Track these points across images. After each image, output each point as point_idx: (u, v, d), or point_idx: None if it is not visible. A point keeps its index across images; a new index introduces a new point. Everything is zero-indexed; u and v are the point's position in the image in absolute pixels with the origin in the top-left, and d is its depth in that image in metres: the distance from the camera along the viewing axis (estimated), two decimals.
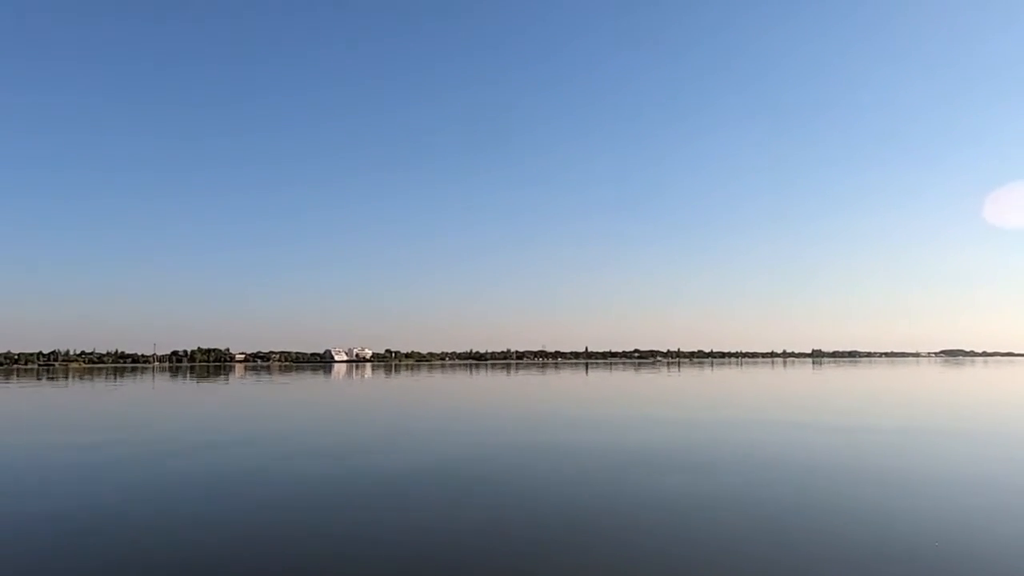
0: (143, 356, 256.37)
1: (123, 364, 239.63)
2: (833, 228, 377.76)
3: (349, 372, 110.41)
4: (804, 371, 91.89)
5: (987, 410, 27.78)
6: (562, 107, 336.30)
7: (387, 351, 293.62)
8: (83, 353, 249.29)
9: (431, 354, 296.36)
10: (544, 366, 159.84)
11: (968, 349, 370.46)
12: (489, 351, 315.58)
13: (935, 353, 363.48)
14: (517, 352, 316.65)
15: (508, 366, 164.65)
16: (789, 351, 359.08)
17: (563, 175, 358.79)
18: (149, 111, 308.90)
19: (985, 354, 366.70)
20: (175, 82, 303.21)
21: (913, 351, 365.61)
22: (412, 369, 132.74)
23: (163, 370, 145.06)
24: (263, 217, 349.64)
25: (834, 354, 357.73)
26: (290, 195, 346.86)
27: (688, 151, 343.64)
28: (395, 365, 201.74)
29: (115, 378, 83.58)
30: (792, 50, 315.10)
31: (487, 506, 10.22)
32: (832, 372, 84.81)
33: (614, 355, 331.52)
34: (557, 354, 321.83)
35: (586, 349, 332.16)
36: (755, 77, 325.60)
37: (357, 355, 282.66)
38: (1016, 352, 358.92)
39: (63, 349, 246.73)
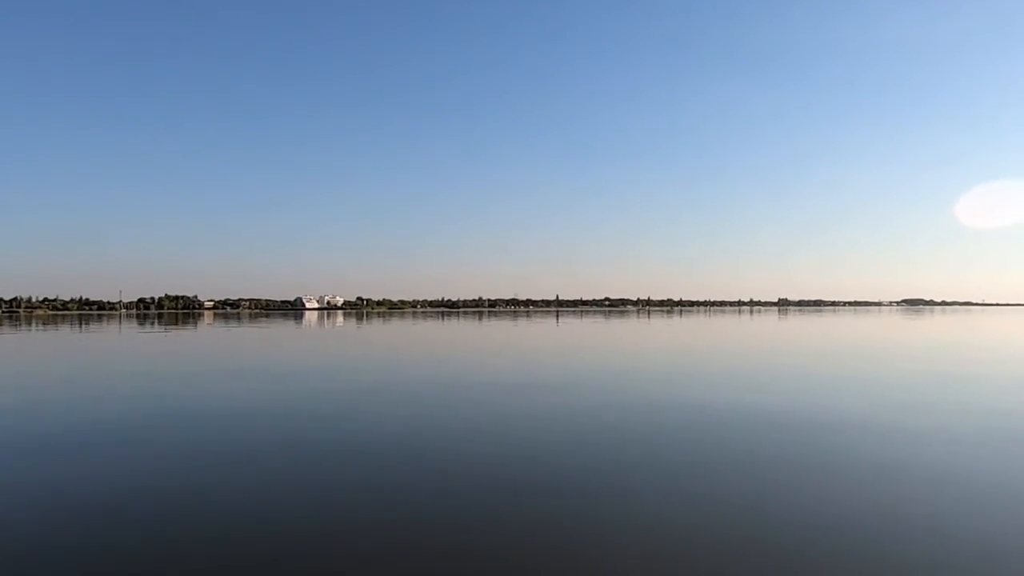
0: (109, 303, 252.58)
1: (88, 311, 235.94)
2: (796, 180, 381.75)
3: (320, 319, 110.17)
4: (771, 319, 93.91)
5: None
6: (540, 57, 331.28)
7: (359, 299, 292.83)
8: (46, 300, 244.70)
9: (403, 302, 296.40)
10: (516, 314, 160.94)
11: (928, 299, 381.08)
12: (461, 299, 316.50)
13: (896, 302, 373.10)
14: (489, 300, 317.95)
15: (480, 314, 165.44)
16: (756, 300, 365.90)
17: (532, 124, 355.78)
18: (116, 64, 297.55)
19: (944, 303, 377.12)
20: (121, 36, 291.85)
21: (876, 300, 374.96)
22: (384, 317, 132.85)
23: (130, 317, 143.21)
24: (231, 165, 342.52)
25: (800, 303, 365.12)
26: (258, 139, 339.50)
27: (656, 98, 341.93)
28: (367, 313, 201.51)
29: (80, 325, 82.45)
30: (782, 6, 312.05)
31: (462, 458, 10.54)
32: (798, 320, 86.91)
33: (585, 303, 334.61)
34: (529, 302, 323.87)
35: (557, 297, 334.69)
36: (748, 38, 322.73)
37: (328, 303, 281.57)
38: (973, 301, 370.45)
39: (25, 296, 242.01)
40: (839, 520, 6.82)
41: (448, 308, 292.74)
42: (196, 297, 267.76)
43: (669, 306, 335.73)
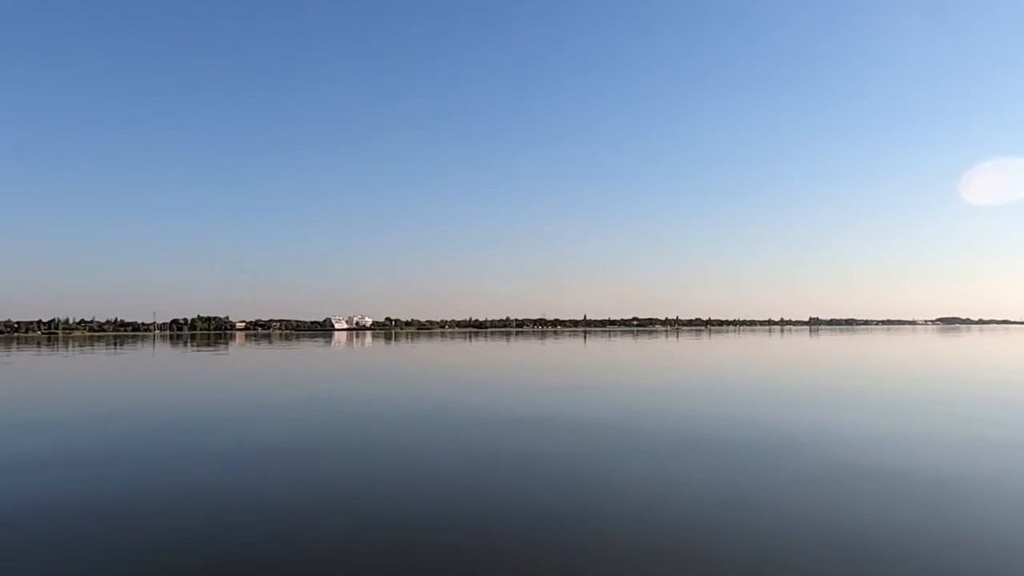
0: (143, 324, 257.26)
1: (124, 332, 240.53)
2: (832, 197, 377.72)
3: (349, 340, 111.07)
4: (803, 339, 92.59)
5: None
6: (566, 70, 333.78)
7: (387, 319, 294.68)
8: (83, 322, 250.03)
9: (430, 322, 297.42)
10: (543, 334, 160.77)
11: (964, 317, 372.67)
12: (488, 319, 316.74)
13: (931, 321, 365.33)
14: (516, 320, 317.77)
15: (507, 334, 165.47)
16: (787, 319, 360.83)
17: (563, 141, 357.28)
18: (143, 72, 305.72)
19: (981, 322, 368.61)
20: (164, 42, 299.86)
21: (910, 319, 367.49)
22: (412, 337, 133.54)
23: (163, 338, 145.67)
24: (262, 187, 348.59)
25: (831, 322, 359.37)
26: (286, 167, 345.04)
27: (686, 121, 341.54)
28: (395, 333, 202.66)
29: (116, 346, 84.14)
30: (793, 20, 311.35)
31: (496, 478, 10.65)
32: (831, 339, 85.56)
33: (613, 323, 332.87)
34: (556, 322, 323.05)
35: (584, 317, 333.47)
36: (755, 47, 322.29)
37: (357, 323, 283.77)
38: (1012, 320, 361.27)
39: (63, 317, 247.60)
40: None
41: (476, 328, 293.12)
42: (228, 318, 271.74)
43: (699, 326, 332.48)
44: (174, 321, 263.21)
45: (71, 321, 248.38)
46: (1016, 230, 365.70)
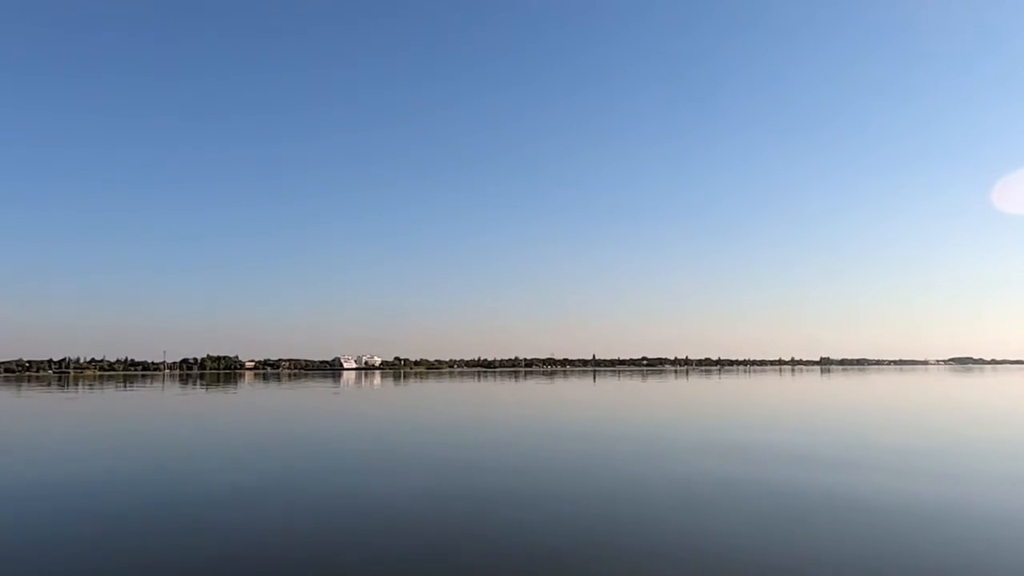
0: (153, 364, 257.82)
1: (134, 372, 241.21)
2: (841, 235, 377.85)
3: (358, 380, 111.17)
4: (816, 381, 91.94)
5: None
6: (573, 113, 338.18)
7: (396, 359, 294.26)
8: (93, 360, 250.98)
9: (439, 361, 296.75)
10: (552, 374, 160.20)
11: (977, 357, 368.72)
12: (497, 359, 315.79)
13: (944, 361, 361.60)
14: (525, 359, 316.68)
15: (516, 373, 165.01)
16: (797, 359, 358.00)
17: (572, 182, 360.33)
18: (157, 122, 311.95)
19: (994, 362, 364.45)
20: (186, 93, 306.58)
21: (922, 359, 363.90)
22: (421, 377, 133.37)
23: (173, 378, 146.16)
24: (272, 226, 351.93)
25: (842, 362, 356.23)
26: (298, 205, 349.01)
27: (698, 158, 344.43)
28: (404, 373, 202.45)
29: (126, 386, 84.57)
30: (802, 55, 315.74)
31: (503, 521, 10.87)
32: (843, 380, 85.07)
33: (622, 362, 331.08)
34: (565, 361, 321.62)
35: (593, 357, 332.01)
36: (765, 81, 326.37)
37: (366, 363, 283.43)
38: None
39: (74, 356, 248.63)
40: None
41: (485, 368, 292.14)
42: (237, 357, 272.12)
43: (708, 365, 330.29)
44: (184, 360, 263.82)
45: (82, 360, 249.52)
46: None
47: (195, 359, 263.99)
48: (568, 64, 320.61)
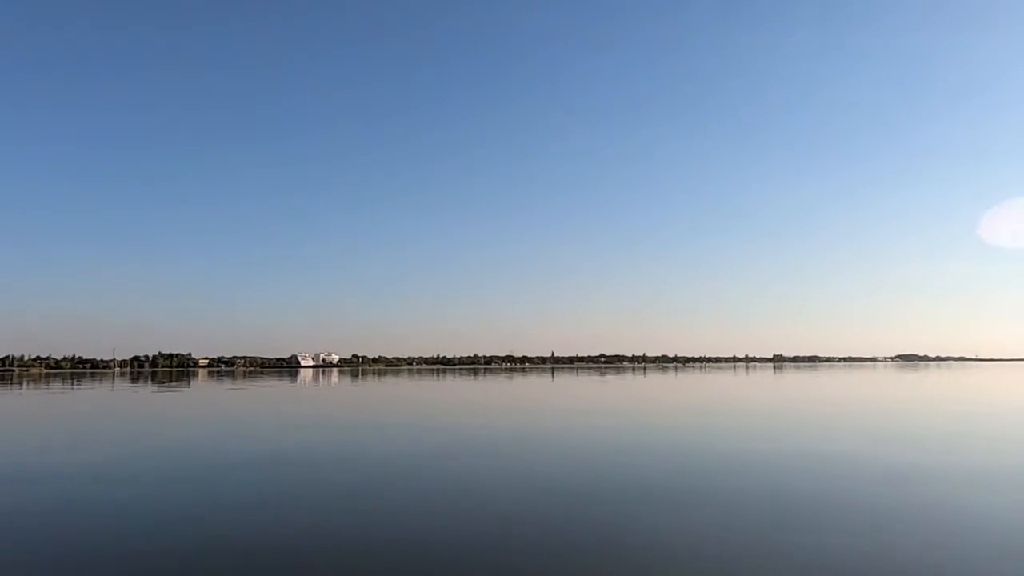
0: (103, 361, 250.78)
1: (82, 369, 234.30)
2: (794, 236, 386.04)
3: (316, 377, 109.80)
4: (773, 377, 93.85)
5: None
6: (527, 111, 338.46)
7: (354, 356, 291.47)
8: (39, 358, 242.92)
9: (398, 359, 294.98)
10: (511, 371, 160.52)
11: (922, 354, 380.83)
12: (456, 356, 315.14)
13: (891, 358, 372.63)
14: (484, 357, 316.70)
15: (475, 371, 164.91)
16: (751, 356, 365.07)
17: (527, 181, 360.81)
18: (107, 119, 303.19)
19: (938, 359, 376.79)
20: (121, 87, 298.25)
21: (870, 356, 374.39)
22: (380, 375, 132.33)
23: (123, 376, 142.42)
24: (226, 223, 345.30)
25: (795, 359, 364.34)
26: (252, 204, 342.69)
27: (655, 156, 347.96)
28: (363, 370, 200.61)
29: (74, 384, 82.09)
30: (769, 52, 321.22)
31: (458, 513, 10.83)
32: (796, 376, 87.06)
33: (580, 360, 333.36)
34: (524, 359, 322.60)
35: (552, 354, 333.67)
36: (725, 82, 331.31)
37: (324, 360, 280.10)
38: (967, 356, 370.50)
39: (17, 354, 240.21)
40: None
41: (444, 365, 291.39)
42: (191, 355, 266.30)
43: (664, 363, 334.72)
44: (135, 358, 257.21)
45: (26, 358, 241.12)
46: (972, 273, 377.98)
47: (146, 357, 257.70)
48: (533, 56, 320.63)
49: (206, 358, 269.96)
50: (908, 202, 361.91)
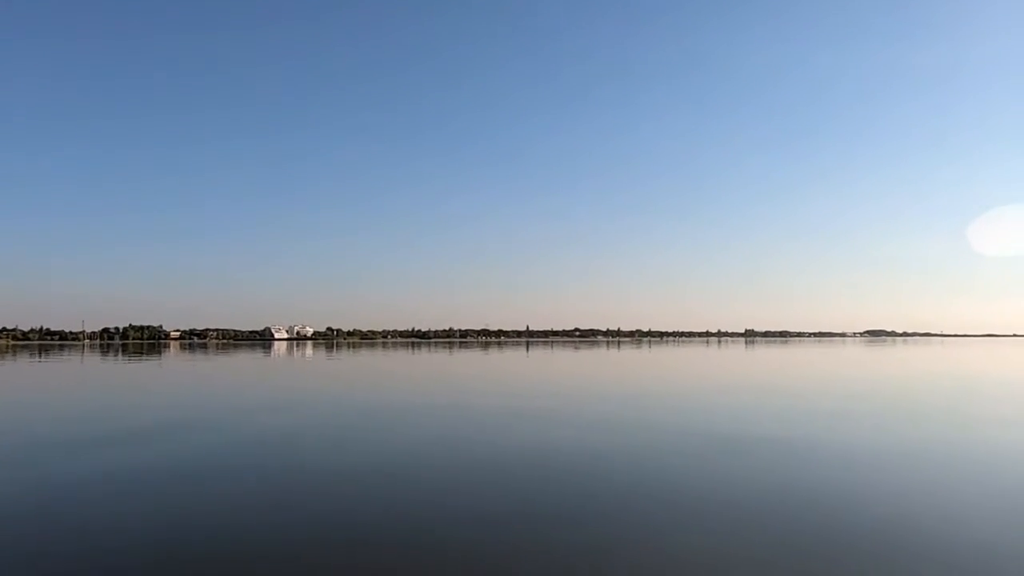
0: (72, 333, 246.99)
1: (50, 341, 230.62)
2: (765, 214, 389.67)
3: (290, 350, 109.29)
4: (752, 351, 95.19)
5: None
6: (502, 86, 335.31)
7: (328, 329, 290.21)
8: (5, 330, 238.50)
9: (372, 332, 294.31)
10: (487, 344, 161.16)
11: (889, 329, 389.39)
12: (432, 329, 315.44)
13: (859, 333, 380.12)
14: (460, 331, 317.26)
15: (451, 344, 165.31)
16: (724, 331, 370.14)
17: (504, 156, 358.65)
18: (72, 85, 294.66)
19: (905, 334, 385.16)
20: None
21: (840, 331, 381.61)
22: (354, 347, 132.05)
23: (94, 348, 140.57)
24: (195, 192, 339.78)
25: (766, 334, 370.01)
26: (223, 174, 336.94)
27: (632, 129, 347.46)
28: (337, 343, 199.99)
29: (41, 357, 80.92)
30: (740, 30, 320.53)
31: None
32: (768, 350, 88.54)
33: (555, 333, 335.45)
34: (500, 332, 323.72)
35: (527, 328, 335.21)
36: (704, 60, 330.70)
37: (298, 333, 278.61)
38: (932, 332, 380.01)
39: None
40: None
41: (419, 338, 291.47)
42: (162, 327, 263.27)
43: (638, 336, 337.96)
44: (105, 330, 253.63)
45: None
46: (934, 255, 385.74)
47: (117, 329, 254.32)
48: (508, 26, 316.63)
49: (177, 330, 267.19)
50: (884, 184, 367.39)
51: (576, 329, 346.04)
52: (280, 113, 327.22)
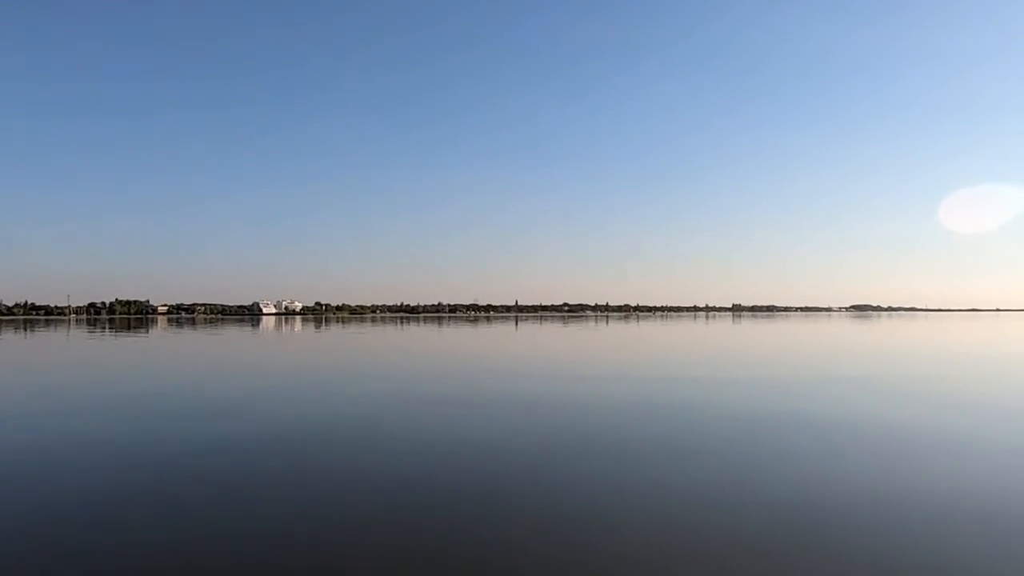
0: (58, 308, 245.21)
1: (36, 316, 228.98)
2: (754, 190, 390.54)
3: (278, 325, 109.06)
4: (742, 327, 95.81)
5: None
6: (491, 59, 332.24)
7: (317, 304, 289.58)
8: None
9: (361, 307, 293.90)
10: (476, 320, 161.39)
11: (875, 304, 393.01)
12: (421, 304, 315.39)
13: (845, 308, 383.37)
14: (449, 305, 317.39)
15: (440, 319, 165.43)
16: (711, 306, 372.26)
17: (493, 131, 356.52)
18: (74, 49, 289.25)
19: (890, 309, 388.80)
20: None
21: (826, 306, 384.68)
22: (343, 323, 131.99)
23: (80, 323, 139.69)
24: (183, 166, 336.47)
25: (752, 308, 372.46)
26: (210, 148, 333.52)
27: (623, 108, 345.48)
28: (326, 318, 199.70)
29: (26, 331, 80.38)
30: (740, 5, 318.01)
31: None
32: (758, 325, 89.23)
33: (544, 308, 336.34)
34: (489, 307, 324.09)
35: (516, 303, 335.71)
36: (701, 34, 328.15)
37: (286, 308, 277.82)
38: (917, 307, 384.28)
39: None
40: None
41: (408, 313, 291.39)
42: (149, 302, 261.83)
43: (627, 312, 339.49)
44: (91, 305, 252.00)
45: None
46: (918, 232, 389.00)
47: (103, 304, 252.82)
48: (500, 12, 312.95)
49: (165, 305, 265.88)
50: (868, 163, 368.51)
51: (565, 304, 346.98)
52: (268, 89, 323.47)
